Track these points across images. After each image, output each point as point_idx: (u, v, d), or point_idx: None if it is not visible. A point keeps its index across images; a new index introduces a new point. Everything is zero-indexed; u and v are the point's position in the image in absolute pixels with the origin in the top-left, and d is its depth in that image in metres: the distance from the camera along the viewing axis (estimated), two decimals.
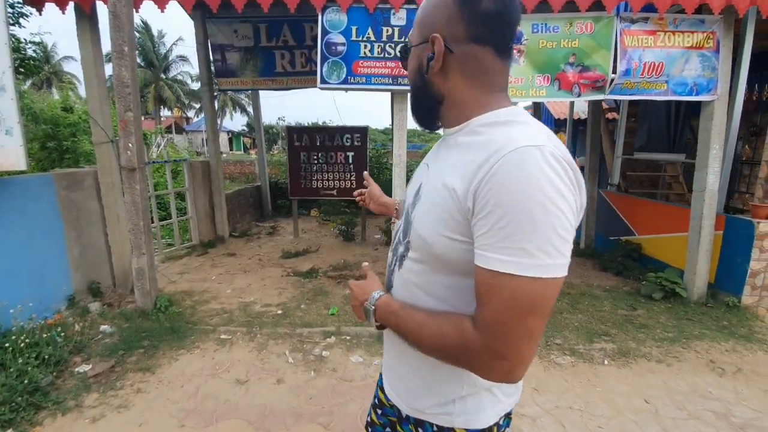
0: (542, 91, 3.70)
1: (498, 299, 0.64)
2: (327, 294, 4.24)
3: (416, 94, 0.84)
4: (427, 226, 0.75)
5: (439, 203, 0.73)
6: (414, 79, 0.82)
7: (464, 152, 0.73)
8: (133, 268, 3.50)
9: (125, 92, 3.20)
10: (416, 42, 0.79)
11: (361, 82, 3.50)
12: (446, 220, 0.71)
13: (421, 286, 0.80)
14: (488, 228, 0.64)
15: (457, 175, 0.71)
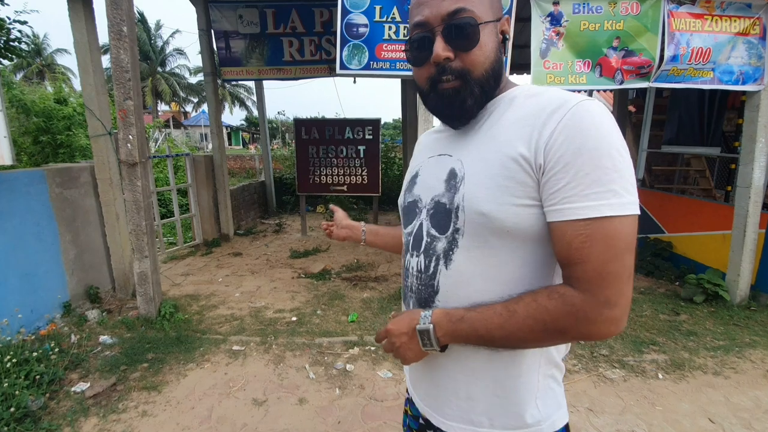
0: (582, 77, 3.38)
1: (598, 247, 0.62)
2: (343, 298, 3.95)
3: (487, 76, 0.73)
4: (490, 201, 0.69)
5: (502, 174, 0.68)
6: (492, 60, 0.73)
7: (509, 122, 0.71)
8: (135, 272, 3.19)
9: (124, 78, 2.87)
10: (491, 18, 0.72)
11: (385, 67, 3.17)
12: (513, 188, 0.67)
13: (485, 275, 0.72)
14: (569, 179, 0.62)
15: (516, 142, 0.68)
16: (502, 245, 0.70)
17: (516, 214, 0.67)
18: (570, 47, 3.33)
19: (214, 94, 5.74)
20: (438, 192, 0.78)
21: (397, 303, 3.75)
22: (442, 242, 0.76)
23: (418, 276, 0.80)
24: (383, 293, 4.06)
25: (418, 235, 0.81)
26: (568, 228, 0.63)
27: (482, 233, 0.70)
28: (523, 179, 0.66)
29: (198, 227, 5.89)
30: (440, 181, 0.78)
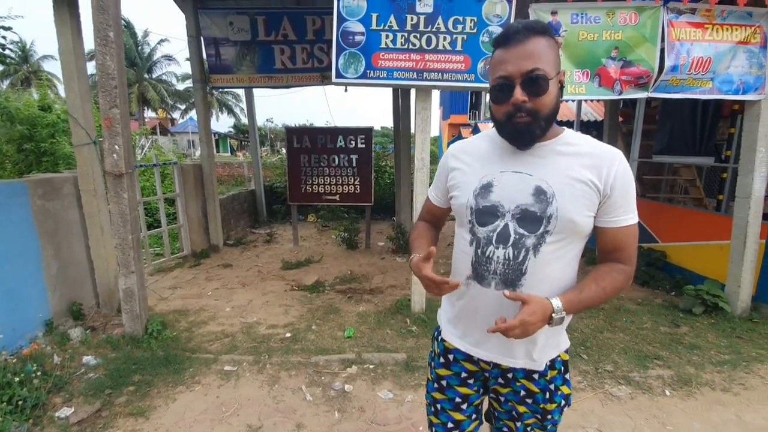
0: (581, 88, 3.36)
1: (633, 239, 1.08)
2: (338, 312, 3.83)
3: (551, 114, 1.03)
4: (576, 212, 1.03)
5: (581, 194, 1.03)
6: (554, 104, 1.02)
7: (575, 157, 1.06)
8: (120, 288, 3.04)
9: (110, 85, 2.74)
10: (553, 75, 1.00)
11: (381, 76, 3.10)
12: (588, 205, 1.04)
13: (560, 262, 1.08)
14: (621, 203, 1.04)
15: (587, 173, 1.03)
16: (575, 239, 1.07)
17: (586, 222, 1.05)
18: (569, 57, 3.31)
19: (203, 101, 5.61)
20: (525, 202, 1.06)
21: (394, 318, 3.65)
22: (531, 239, 1.06)
23: (505, 263, 1.08)
24: (379, 306, 3.95)
25: (504, 233, 1.08)
26: (620, 230, 1.06)
27: (567, 232, 1.05)
28: (594, 199, 1.04)
29: (186, 238, 5.71)
30: (526, 194, 1.06)
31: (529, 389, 1.17)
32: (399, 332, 3.36)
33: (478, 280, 1.12)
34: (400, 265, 5.44)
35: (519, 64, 0.97)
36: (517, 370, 1.15)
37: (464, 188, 1.14)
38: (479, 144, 1.18)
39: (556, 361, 1.18)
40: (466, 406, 1.24)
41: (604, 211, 1.04)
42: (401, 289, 4.53)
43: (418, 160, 3.37)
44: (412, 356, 2.93)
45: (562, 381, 1.20)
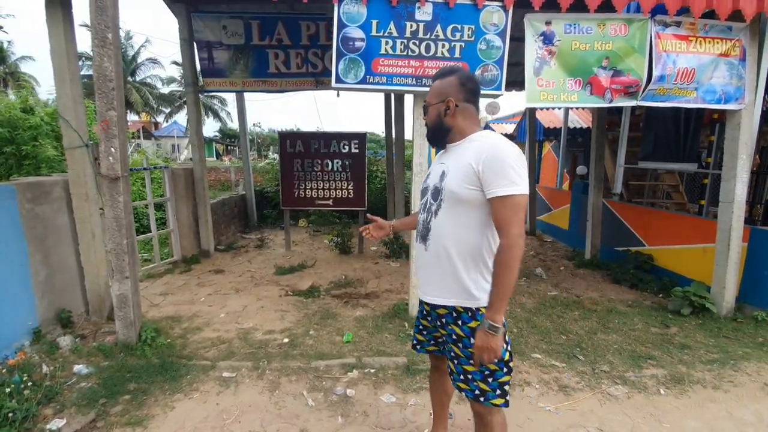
0: (573, 95, 3.46)
1: (508, 211, 1.38)
2: (336, 317, 3.81)
3: (435, 129, 1.61)
4: (457, 186, 1.46)
5: (464, 173, 1.45)
6: (434, 122, 1.60)
7: (468, 150, 1.48)
8: (114, 294, 2.96)
9: (108, 87, 2.70)
10: (434, 102, 1.58)
11: (381, 82, 3.13)
12: (468, 180, 1.44)
13: (451, 220, 1.49)
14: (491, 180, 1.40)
15: (471, 158, 1.44)
16: (460, 207, 1.48)
17: (467, 193, 1.45)
18: (562, 66, 3.40)
19: (195, 105, 5.56)
20: (435, 182, 1.56)
21: (392, 322, 3.65)
22: (434, 206, 1.55)
23: (423, 223, 1.60)
24: (376, 311, 3.95)
25: (425, 203, 1.61)
26: (494, 201, 1.40)
27: (452, 200, 1.48)
28: (471, 176, 1.43)
29: (176, 243, 5.61)
30: (437, 177, 1.56)
31: (457, 333, 1.52)
32: (398, 336, 3.36)
33: (416, 238, 1.69)
34: (394, 270, 5.45)
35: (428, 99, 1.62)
36: (446, 314, 1.55)
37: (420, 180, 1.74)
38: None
39: (477, 313, 1.49)
40: (426, 333, 1.77)
41: (483, 186, 1.41)
42: (397, 293, 4.54)
43: (416, 165, 3.41)
44: (412, 360, 2.93)
45: None
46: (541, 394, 2.61)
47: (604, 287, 4.90)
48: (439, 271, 1.52)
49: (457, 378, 1.54)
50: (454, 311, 1.51)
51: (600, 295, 4.54)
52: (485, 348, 1.36)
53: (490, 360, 1.38)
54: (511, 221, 1.35)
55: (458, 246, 1.47)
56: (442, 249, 1.50)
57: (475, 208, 1.44)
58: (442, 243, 1.49)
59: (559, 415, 2.42)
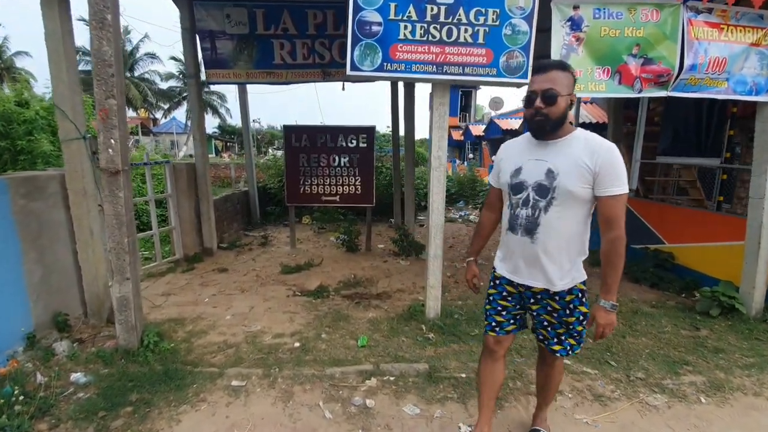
0: (601, 85, 3.25)
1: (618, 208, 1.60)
2: (348, 319, 3.62)
3: (557, 120, 1.61)
4: (572, 185, 1.59)
5: (578, 173, 1.58)
6: (561, 114, 1.60)
7: (577, 148, 1.61)
8: (114, 297, 2.77)
9: (107, 73, 2.49)
10: (564, 93, 1.58)
11: (399, 69, 2.93)
12: (583, 180, 1.58)
13: (561, 216, 1.63)
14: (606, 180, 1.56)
15: (585, 158, 1.57)
16: (576, 207, 1.62)
17: (583, 191, 1.59)
18: (590, 53, 3.20)
19: (197, 98, 5.34)
20: (540, 179, 1.64)
21: (408, 324, 3.46)
22: (543, 203, 1.64)
23: (526, 218, 1.68)
24: (390, 312, 3.76)
25: (527, 199, 1.68)
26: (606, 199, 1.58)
27: (567, 200, 1.61)
28: (586, 176, 1.57)
29: (178, 241, 5.41)
30: (541, 174, 1.64)
31: (552, 306, 1.75)
32: (415, 340, 3.17)
33: (511, 230, 1.75)
34: (404, 268, 5.26)
35: (541, 84, 1.58)
36: (542, 291, 1.74)
37: (505, 172, 1.77)
38: (519, 141, 1.81)
39: (573, 289, 1.71)
40: (506, 314, 1.86)
41: (596, 185, 1.56)
42: (409, 293, 4.36)
43: (435, 159, 3.21)
44: (434, 366, 2.75)
45: (579, 302, 1.73)
46: (576, 405, 2.43)
47: (624, 286, 4.71)
48: (546, 260, 1.66)
49: (551, 342, 1.80)
50: (551, 291, 1.72)
51: (621, 295, 4.33)
52: (609, 324, 1.62)
53: (610, 332, 1.64)
54: (621, 216, 1.57)
55: (568, 238, 1.64)
56: (554, 242, 1.64)
57: (584, 204, 1.61)
58: (554, 237, 1.64)
59: (598, 429, 2.23)
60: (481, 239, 2.04)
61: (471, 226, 8.61)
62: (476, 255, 2.05)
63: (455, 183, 12.40)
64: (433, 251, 3.32)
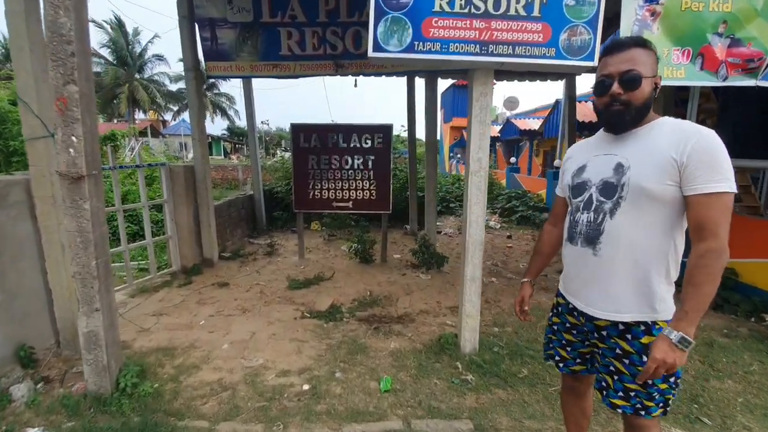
0: (680, 71, 2.65)
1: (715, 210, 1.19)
2: (366, 351, 3.05)
3: (642, 107, 1.29)
4: (648, 180, 1.24)
5: (657, 166, 1.23)
6: (645, 100, 1.28)
7: (659, 137, 1.27)
8: (81, 332, 2.24)
9: (65, 52, 1.96)
10: (647, 76, 1.27)
11: (434, 49, 2.36)
12: (664, 174, 1.22)
13: (634, 221, 1.28)
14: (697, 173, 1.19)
15: (669, 147, 1.22)
16: (653, 209, 1.26)
17: (663, 189, 1.24)
18: (667, 31, 2.59)
19: (196, 93, 4.83)
20: (607, 175, 1.34)
21: (439, 359, 2.88)
22: (608, 204, 1.33)
23: (587, 224, 1.38)
24: (415, 342, 3.19)
25: (589, 201, 1.39)
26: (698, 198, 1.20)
27: (640, 199, 1.27)
28: (671, 170, 1.22)
29: (175, 251, 4.90)
30: (608, 169, 1.35)
31: (624, 349, 1.34)
32: (450, 383, 2.59)
33: (570, 240, 1.45)
34: (425, 284, 4.68)
35: (618, 66, 1.29)
36: (608, 325, 1.37)
37: (568, 173, 1.51)
38: (589, 140, 1.53)
39: (655, 327, 1.30)
40: (570, 350, 1.55)
41: (685, 180, 1.21)
42: (434, 315, 3.78)
43: (474, 161, 2.63)
44: (480, 425, 2.17)
45: None
46: None
47: None
48: (614, 280, 1.33)
49: (613, 395, 1.37)
50: (622, 323, 1.34)
51: None
52: (666, 363, 1.18)
53: (664, 374, 1.21)
54: (720, 223, 1.18)
55: (644, 251, 1.29)
56: (623, 255, 1.31)
57: (667, 207, 1.27)
58: (624, 248, 1.31)
59: None
60: (540, 257, 1.72)
61: (491, 232, 8.01)
62: (533, 276, 1.73)
63: None
64: (470, 273, 2.74)
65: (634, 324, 1.31)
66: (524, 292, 1.72)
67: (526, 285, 1.73)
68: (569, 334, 1.53)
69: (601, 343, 1.40)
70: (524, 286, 1.73)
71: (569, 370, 1.58)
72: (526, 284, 1.73)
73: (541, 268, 1.74)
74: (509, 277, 5.03)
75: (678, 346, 1.16)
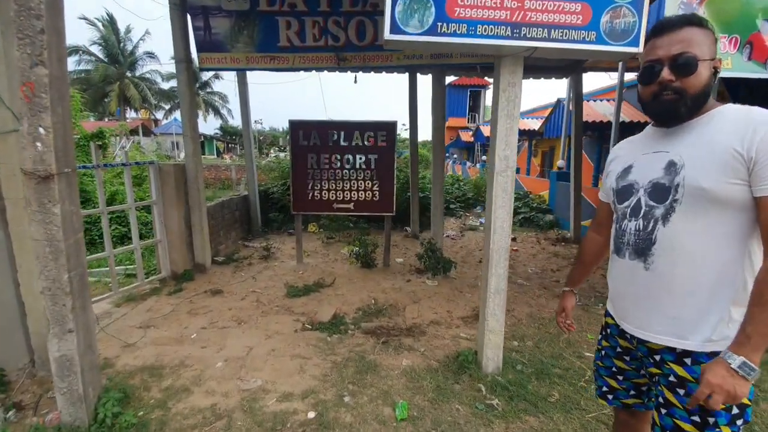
0: (726, 61, 2.41)
1: None
2: (376, 369, 2.76)
3: (699, 95, 1.09)
4: (707, 179, 1.02)
5: (719, 162, 1.02)
6: (702, 85, 1.08)
7: (719, 128, 1.05)
8: (52, 357, 1.92)
9: (33, 28, 1.66)
10: (705, 58, 1.07)
11: (459, 31, 2.08)
12: (728, 172, 1.01)
13: (692, 229, 1.06)
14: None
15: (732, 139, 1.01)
16: (714, 213, 1.04)
17: (727, 189, 1.02)
18: (714, 16, 2.35)
19: (188, 86, 4.51)
20: (657, 176, 1.13)
21: (458, 380, 2.60)
22: (660, 210, 1.12)
23: (636, 233, 1.17)
24: (429, 358, 2.91)
25: (637, 206, 1.17)
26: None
27: (698, 203, 1.05)
28: (735, 165, 1.00)
29: (164, 256, 4.58)
30: (659, 168, 1.14)
31: (679, 376, 1.11)
32: (474, 409, 2.31)
33: (616, 252, 1.25)
34: (433, 290, 4.41)
35: (669, 49, 1.09)
36: (663, 349, 1.14)
37: (612, 175, 1.30)
38: (635, 137, 1.31)
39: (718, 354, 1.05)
40: (623, 379, 1.33)
41: (754, 177, 1.00)
42: (446, 326, 3.50)
43: (500, 159, 2.36)
44: None
45: None
46: None
47: None
48: (670, 298, 1.11)
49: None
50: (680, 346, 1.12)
51: None
52: (723, 390, 0.97)
53: (721, 403, 0.98)
54: None
55: (708, 264, 1.06)
56: (681, 268, 1.08)
57: (736, 210, 1.03)
58: (682, 260, 1.08)
59: None
60: (582, 267, 1.57)
61: None
62: (574, 285, 1.58)
63: (471, 186, 11.59)
64: (494, 284, 2.46)
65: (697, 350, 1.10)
66: (566, 302, 1.57)
67: (568, 294, 1.58)
68: (620, 360, 1.32)
69: (655, 368, 1.19)
70: (566, 296, 1.58)
71: (620, 403, 1.36)
72: (569, 294, 1.58)
73: (583, 277, 1.59)
74: (520, 283, 4.77)
75: (738, 372, 0.96)
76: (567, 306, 1.56)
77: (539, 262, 5.82)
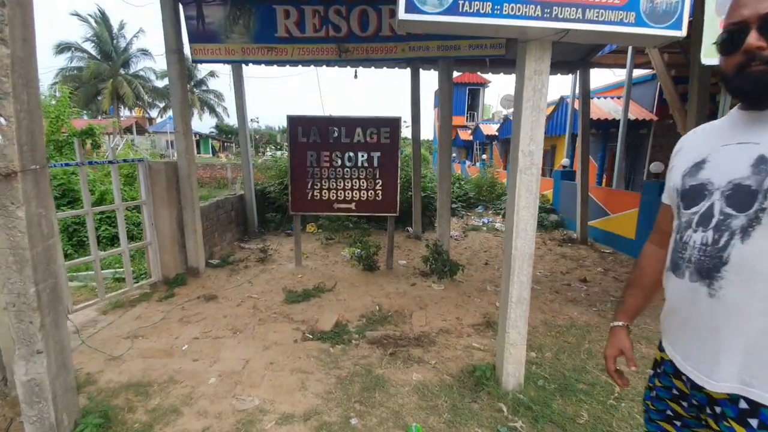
0: None
1: None
2: (384, 385, 2.53)
3: None
4: None
5: None
6: None
7: None
8: (19, 381, 1.68)
9: None
10: None
11: (482, 11, 1.85)
12: None
13: None
14: None
15: None
16: None
17: None
18: None
19: (179, 79, 4.25)
20: (741, 175, 0.86)
21: (475, 398, 2.38)
22: (740, 220, 0.85)
23: (702, 249, 0.91)
24: (441, 372, 2.68)
25: (708, 213, 0.91)
26: None
27: None
28: None
29: (155, 259, 4.32)
30: (744, 166, 0.86)
31: None
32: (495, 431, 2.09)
33: (673, 269, 0.99)
34: (439, 295, 4.18)
35: (757, 6, 0.84)
36: (726, 401, 0.89)
37: (676, 171, 1.04)
38: (714, 122, 1.04)
39: None
40: (680, 425, 1.06)
41: None
42: (457, 335, 3.28)
43: (524, 156, 2.13)
44: None
45: None
46: None
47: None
48: (742, 336, 0.84)
49: None
50: (746, 399, 0.85)
51: None
52: None
53: None
54: None
55: None
56: (761, 301, 0.81)
57: None
58: (762, 290, 0.81)
59: None
60: (638, 291, 1.20)
61: (498, 235, 7.56)
62: (629, 318, 1.20)
63: (472, 186, 11.39)
64: (516, 293, 2.24)
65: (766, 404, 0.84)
66: (619, 341, 1.17)
67: (619, 332, 1.18)
68: (677, 404, 1.05)
69: (714, 423, 0.93)
70: (617, 333, 1.18)
71: None
72: (620, 330, 1.18)
73: (641, 305, 1.20)
74: None
75: None
76: (624, 347, 1.17)
77: (547, 264, 5.62)
